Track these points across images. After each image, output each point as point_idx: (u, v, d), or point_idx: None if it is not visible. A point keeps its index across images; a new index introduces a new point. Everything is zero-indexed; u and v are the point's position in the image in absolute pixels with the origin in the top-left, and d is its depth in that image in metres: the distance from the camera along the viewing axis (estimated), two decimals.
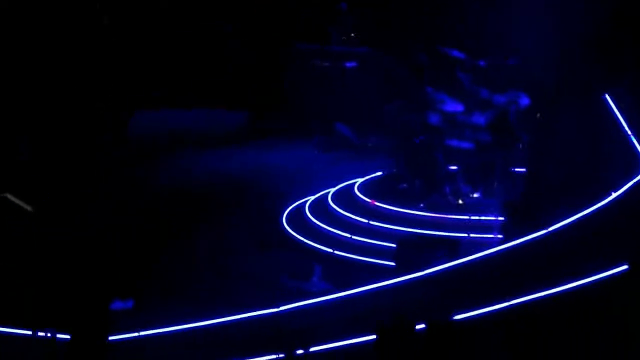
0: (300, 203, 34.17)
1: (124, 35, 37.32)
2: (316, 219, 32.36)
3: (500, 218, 29.48)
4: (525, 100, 33.82)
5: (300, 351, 18.32)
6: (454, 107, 34.82)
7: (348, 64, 41.11)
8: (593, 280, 19.90)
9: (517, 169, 33.15)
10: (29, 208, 28.60)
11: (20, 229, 27.46)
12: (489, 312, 19.50)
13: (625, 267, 19.59)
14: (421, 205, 32.36)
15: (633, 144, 27.60)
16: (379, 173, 36.33)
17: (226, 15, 40.56)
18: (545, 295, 19.68)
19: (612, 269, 19.94)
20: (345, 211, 32.37)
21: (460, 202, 32.75)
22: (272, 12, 40.46)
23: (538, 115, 32.97)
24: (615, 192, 25.41)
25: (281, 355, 18.49)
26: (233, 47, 40.86)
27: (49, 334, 18.87)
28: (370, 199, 32.98)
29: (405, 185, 34.43)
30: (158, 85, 38.59)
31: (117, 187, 32.19)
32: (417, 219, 30.86)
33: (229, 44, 40.91)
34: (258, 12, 40.48)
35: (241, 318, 20.94)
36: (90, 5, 36.21)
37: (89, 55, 35.50)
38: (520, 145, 33.82)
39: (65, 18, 35.06)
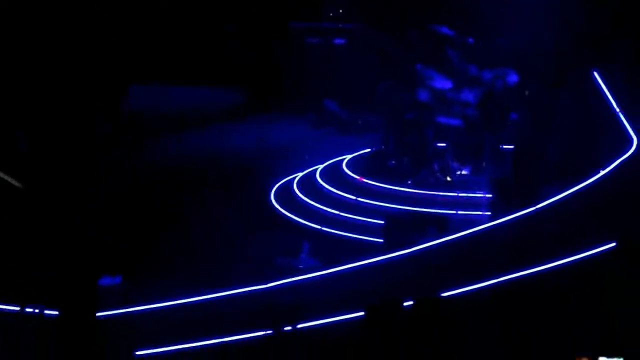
0: (289, 180, 34.17)
1: (118, 15, 37.15)
2: (304, 195, 32.37)
3: (489, 195, 29.52)
4: (513, 77, 33.82)
5: (288, 328, 18.38)
6: (443, 84, 34.80)
7: (337, 41, 41.01)
8: (581, 258, 19.98)
9: (505, 147, 33.17)
10: (17, 184, 28.50)
11: (9, 205, 27.39)
12: (476, 289, 19.57)
13: (613, 244, 19.66)
14: (409, 182, 32.37)
15: (622, 121, 27.67)
16: (368, 150, 36.32)
17: None
18: (533, 273, 19.75)
19: (600, 246, 20.01)
20: (334, 188, 32.38)
21: (448, 179, 32.76)
22: None
23: (526, 92, 32.98)
24: (603, 169, 25.48)
25: (269, 332, 18.54)
26: (228, 27, 40.72)
27: (37, 310, 18.88)
28: (358, 175, 32.99)
29: (393, 162, 34.42)
30: (154, 65, 38.41)
31: (110, 165, 32.12)
32: (406, 196, 30.89)
33: (224, 24, 40.76)
34: None
35: (229, 295, 20.96)
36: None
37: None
38: (509, 123, 33.79)
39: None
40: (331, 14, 41.20)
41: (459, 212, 29.27)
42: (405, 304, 16.27)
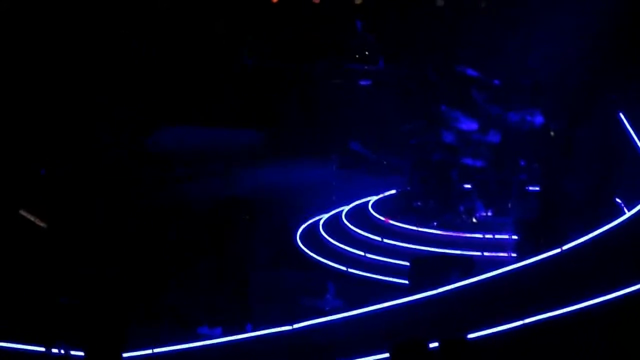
0: (314, 221, 34.16)
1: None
2: (330, 236, 32.35)
3: (514, 236, 29.41)
4: (539, 118, 33.75)
5: None
6: (469, 125, 34.77)
7: (362, 82, 41.07)
8: (608, 300, 19.82)
9: (531, 188, 33.08)
10: (42, 225, 28.59)
11: (34, 245, 27.45)
12: (502, 330, 19.44)
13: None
14: (435, 223, 32.30)
15: None
16: (393, 191, 36.30)
17: (242, 34, 40.58)
18: (559, 314, 19.60)
19: (626, 287, 19.86)
20: (359, 229, 32.35)
21: (474, 220, 32.67)
22: (287, 32, 40.46)
23: (552, 133, 32.92)
24: (629, 210, 25.35)
25: None
26: (249, 67, 40.88)
27: (62, 351, 18.87)
28: (384, 217, 32.95)
29: (419, 203, 34.37)
30: (178, 105, 38.55)
31: (131, 204, 32.14)
32: (431, 237, 30.83)
33: (245, 63, 40.94)
34: (273, 30, 40.47)
35: (254, 336, 20.91)
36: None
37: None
38: (535, 164, 33.71)
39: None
40: (357, 56, 41.32)
41: (485, 253, 29.16)
42: (431, 345, 16.16)
